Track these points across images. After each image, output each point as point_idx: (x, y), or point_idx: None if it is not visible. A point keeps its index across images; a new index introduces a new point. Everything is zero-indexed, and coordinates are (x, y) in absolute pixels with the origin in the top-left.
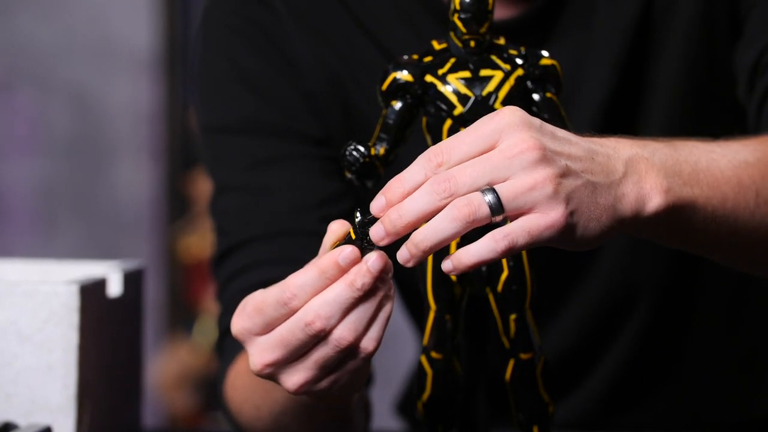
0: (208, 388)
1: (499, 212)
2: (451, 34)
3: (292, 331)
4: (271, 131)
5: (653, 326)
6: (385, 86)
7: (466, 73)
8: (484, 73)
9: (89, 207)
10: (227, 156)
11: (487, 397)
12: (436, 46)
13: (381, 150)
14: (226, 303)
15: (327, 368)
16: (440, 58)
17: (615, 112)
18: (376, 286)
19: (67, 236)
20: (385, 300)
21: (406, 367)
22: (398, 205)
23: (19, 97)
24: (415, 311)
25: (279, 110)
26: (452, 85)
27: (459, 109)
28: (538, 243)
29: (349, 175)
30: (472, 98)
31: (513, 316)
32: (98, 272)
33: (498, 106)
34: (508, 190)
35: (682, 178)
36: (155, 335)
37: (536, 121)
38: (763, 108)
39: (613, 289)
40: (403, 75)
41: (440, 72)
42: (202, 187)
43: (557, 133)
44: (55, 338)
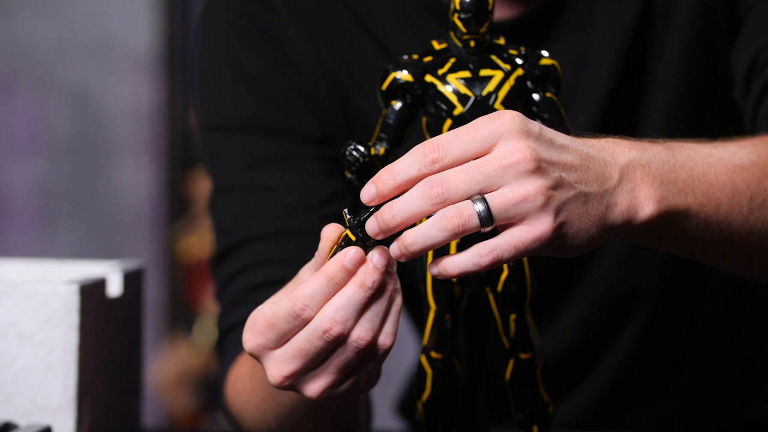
0: (208, 388)
1: (489, 223)
2: (451, 34)
3: (310, 341)
4: (271, 130)
5: (654, 326)
6: (385, 86)
7: (466, 73)
8: (484, 73)
9: (89, 207)
10: (226, 155)
11: (487, 397)
12: (436, 46)
13: (381, 150)
14: (226, 303)
15: (347, 370)
16: (440, 58)
17: (614, 112)
18: (385, 282)
19: (67, 236)
20: (395, 293)
21: (407, 367)
22: (390, 204)
23: (19, 97)
24: (415, 311)
25: (278, 109)
26: (452, 85)
27: (459, 109)
28: (525, 255)
29: (349, 175)
30: (472, 98)
31: (513, 316)
32: (98, 272)
33: (498, 106)
34: (499, 201)
35: (677, 186)
36: (155, 335)
37: (535, 127)
38: (759, 108)
39: (614, 289)
40: (403, 75)
41: (440, 72)
42: (202, 187)
43: (555, 139)
44: (55, 338)
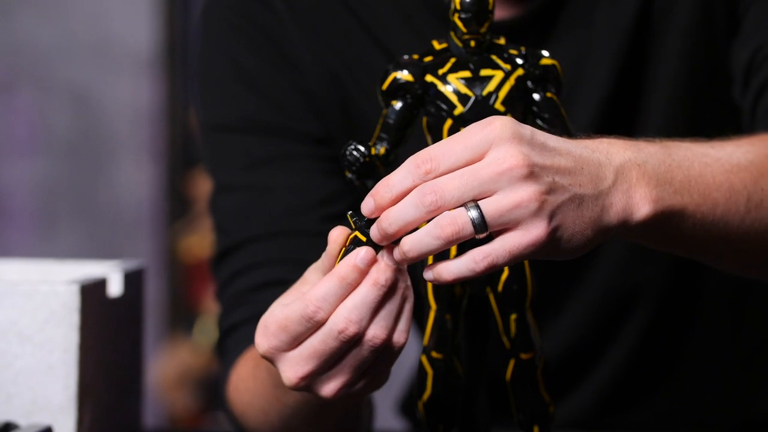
0: (209, 388)
1: (483, 230)
2: (452, 34)
3: (325, 341)
4: (271, 130)
5: (654, 326)
6: (385, 86)
7: (467, 73)
8: (484, 72)
9: (90, 207)
10: (227, 155)
11: (488, 397)
12: (437, 45)
13: (381, 150)
14: (226, 303)
15: (362, 370)
16: (441, 57)
17: (614, 112)
18: (397, 280)
19: (68, 236)
20: (407, 291)
21: (408, 367)
22: (387, 212)
23: (19, 97)
24: (417, 311)
25: (279, 109)
26: (452, 85)
27: (459, 109)
28: (520, 260)
29: (350, 175)
30: (473, 98)
31: (513, 316)
32: (99, 272)
33: (498, 106)
34: (493, 207)
35: (674, 186)
36: (156, 335)
37: (527, 132)
38: (758, 106)
39: (615, 289)
40: (404, 75)
41: (440, 72)
42: (203, 187)
43: (548, 143)
44: (55, 338)
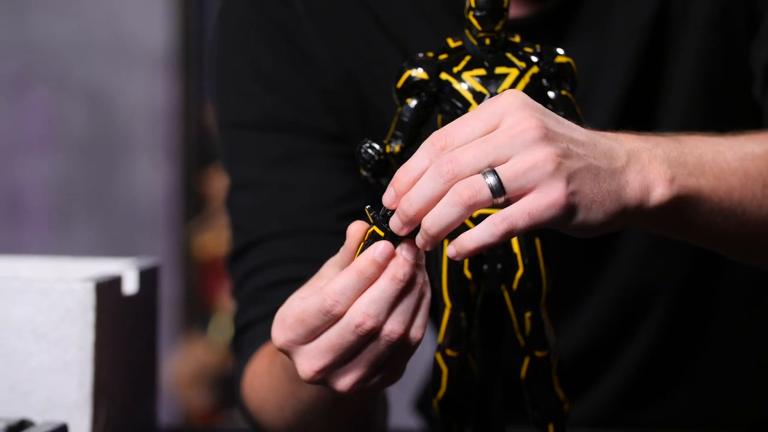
0: (224, 385)
1: (501, 194)
2: (467, 32)
3: (342, 335)
4: (288, 128)
5: (670, 325)
6: (400, 84)
7: (482, 71)
8: (499, 70)
9: (105, 205)
10: (243, 152)
11: (503, 395)
12: (452, 43)
13: (396, 147)
14: (242, 300)
15: (378, 364)
16: (455, 55)
17: (631, 111)
18: (415, 275)
19: (83, 234)
20: (425, 287)
21: (424, 364)
22: (407, 194)
23: (34, 95)
24: (433, 309)
25: (295, 107)
26: (467, 83)
27: (474, 107)
28: (540, 224)
29: (364, 173)
30: (487, 96)
31: (528, 314)
32: (114, 270)
33: None
34: (508, 170)
35: (687, 169)
36: (171, 333)
37: (537, 104)
38: None
39: (631, 288)
40: (419, 73)
41: (455, 70)
42: (218, 185)
43: (560, 118)
44: (70, 336)
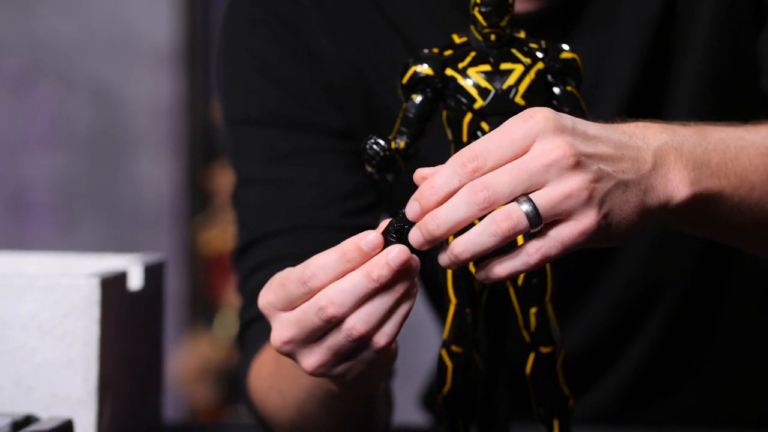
0: (229, 381)
1: (538, 223)
2: (472, 28)
3: (307, 313)
4: (293, 124)
5: (677, 321)
6: (405, 79)
7: (487, 67)
8: (504, 66)
9: (110, 201)
10: (249, 148)
11: (508, 391)
12: (457, 39)
13: (401, 143)
14: (248, 296)
15: (340, 355)
16: (461, 51)
17: (638, 106)
18: (396, 282)
19: (88, 230)
20: (405, 298)
21: (430, 360)
22: (434, 212)
23: (39, 91)
24: (438, 305)
25: (301, 103)
26: (472, 79)
27: (479, 103)
28: (572, 250)
29: (370, 169)
30: (493, 92)
31: (533, 310)
32: (119, 266)
33: (518, 100)
34: (545, 199)
35: (710, 169)
36: (176, 329)
37: (568, 122)
38: None
39: (638, 283)
40: (424, 68)
41: (461, 65)
42: (223, 181)
43: (589, 131)
44: (75, 332)
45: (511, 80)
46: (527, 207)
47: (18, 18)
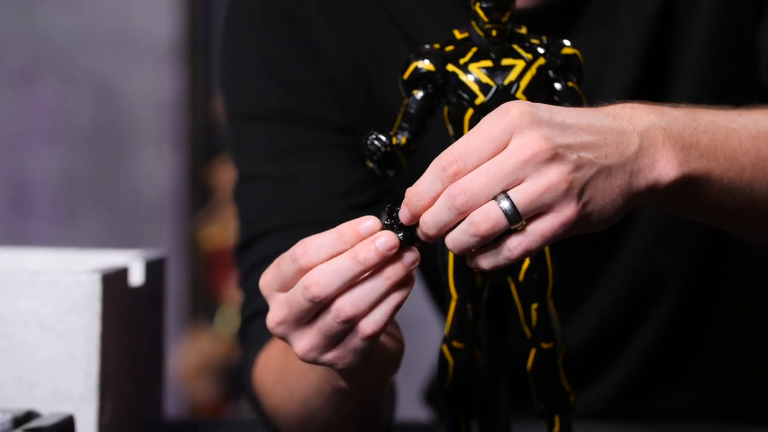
0: (230, 377)
1: (517, 220)
2: (473, 24)
3: (295, 293)
4: (295, 119)
5: (678, 316)
6: (406, 75)
7: (488, 63)
8: (505, 62)
9: (111, 196)
10: (251, 144)
11: (509, 387)
12: (458, 35)
13: (402, 139)
14: (249, 291)
15: (330, 338)
16: (462, 47)
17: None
18: (387, 268)
19: (89, 226)
20: (399, 287)
21: (432, 356)
22: (423, 217)
23: (41, 87)
24: (440, 300)
25: (303, 98)
26: (474, 75)
27: (480, 99)
28: (554, 241)
29: (371, 165)
30: (494, 87)
31: (534, 306)
32: (120, 261)
33: (519, 96)
34: (523, 195)
35: (699, 150)
36: (177, 324)
37: (545, 114)
38: None
39: (639, 278)
40: (425, 64)
41: (462, 61)
42: (224, 177)
43: (567, 120)
44: (77, 328)
45: (513, 76)
46: (506, 205)
47: (19, 14)
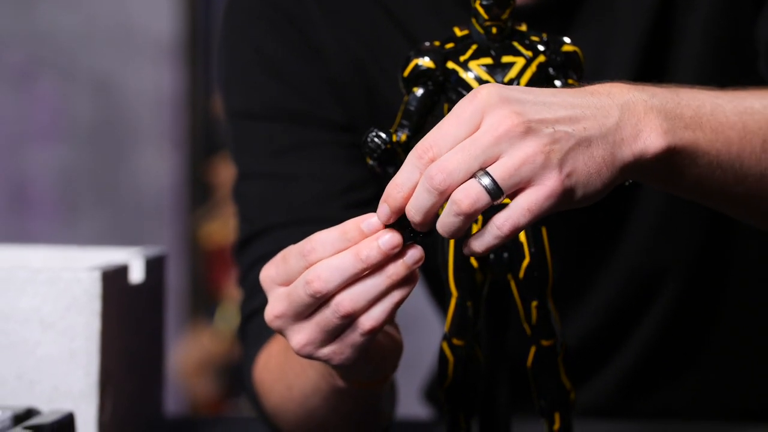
0: (230, 374)
1: (499, 194)
2: (473, 21)
3: (296, 287)
4: (294, 117)
5: (678, 311)
6: (406, 72)
7: (488, 60)
8: (505, 59)
9: (111, 194)
10: (250, 142)
11: (509, 384)
12: (458, 32)
13: (402, 136)
14: (248, 289)
15: (327, 333)
16: (462, 44)
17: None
18: (389, 266)
19: (90, 223)
20: (400, 284)
21: (433, 353)
22: (408, 205)
23: (41, 84)
24: (440, 298)
25: (303, 96)
26: (474, 72)
27: None
28: (542, 215)
29: (371, 162)
30: None
31: (534, 303)
32: (120, 259)
33: None
34: (501, 170)
35: (684, 121)
36: (177, 322)
37: (514, 92)
38: None
39: (638, 274)
40: (425, 61)
41: (462, 59)
42: (224, 174)
43: (540, 98)
44: (77, 325)
45: (513, 73)
46: (486, 181)
47: (20, 11)
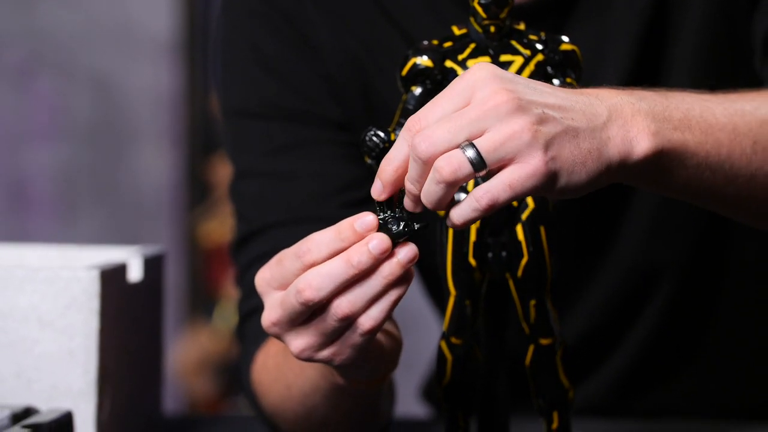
0: (229, 373)
1: (482, 167)
2: (472, 20)
3: (289, 295)
4: (292, 116)
5: (675, 310)
6: (405, 71)
7: (486, 59)
8: (504, 58)
9: (110, 193)
10: (247, 140)
11: (507, 383)
12: (456, 31)
13: None
14: (246, 288)
15: (326, 336)
16: (460, 43)
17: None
18: (380, 268)
19: (88, 222)
20: (397, 283)
21: (431, 352)
22: (405, 180)
23: (40, 83)
24: (438, 296)
25: (299, 95)
26: None
27: None
28: (523, 194)
29: (369, 161)
30: None
31: (533, 302)
32: (119, 258)
33: None
34: (486, 142)
35: (672, 123)
36: (175, 320)
37: (508, 74)
38: None
39: (635, 273)
40: (423, 60)
41: (460, 57)
42: (223, 173)
43: (532, 84)
44: (75, 324)
45: (511, 72)
46: (470, 152)
47: (19, 10)
